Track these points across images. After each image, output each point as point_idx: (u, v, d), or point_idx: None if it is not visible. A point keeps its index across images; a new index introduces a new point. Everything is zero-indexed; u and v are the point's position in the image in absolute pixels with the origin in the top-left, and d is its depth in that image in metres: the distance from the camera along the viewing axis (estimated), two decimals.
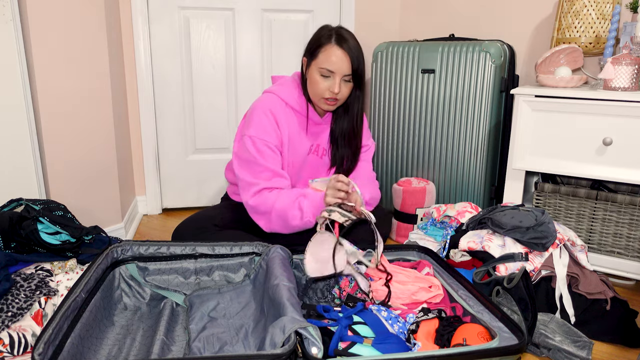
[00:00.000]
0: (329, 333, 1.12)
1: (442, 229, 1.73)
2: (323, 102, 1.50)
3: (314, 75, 1.48)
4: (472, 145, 1.99)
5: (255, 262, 1.42)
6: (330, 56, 1.45)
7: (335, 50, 1.44)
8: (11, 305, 1.14)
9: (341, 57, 1.44)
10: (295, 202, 1.44)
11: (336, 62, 1.44)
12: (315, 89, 1.49)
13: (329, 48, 1.45)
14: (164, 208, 2.43)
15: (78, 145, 1.76)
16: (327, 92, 1.47)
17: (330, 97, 1.48)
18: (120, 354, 1.14)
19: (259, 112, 1.50)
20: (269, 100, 1.53)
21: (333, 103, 1.51)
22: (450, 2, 2.33)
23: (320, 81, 1.47)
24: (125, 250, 1.38)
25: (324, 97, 1.49)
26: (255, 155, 1.47)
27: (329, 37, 1.47)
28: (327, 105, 1.51)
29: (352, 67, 1.46)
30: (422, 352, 1.00)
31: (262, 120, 1.49)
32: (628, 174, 1.52)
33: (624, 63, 1.52)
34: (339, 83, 1.46)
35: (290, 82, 1.58)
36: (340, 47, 1.45)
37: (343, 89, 1.48)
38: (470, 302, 1.24)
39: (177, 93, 2.29)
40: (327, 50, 1.45)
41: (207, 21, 2.25)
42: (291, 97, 1.54)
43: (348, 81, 1.49)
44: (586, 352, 1.19)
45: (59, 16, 1.63)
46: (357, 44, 1.48)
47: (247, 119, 1.54)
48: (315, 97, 1.51)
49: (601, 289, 1.37)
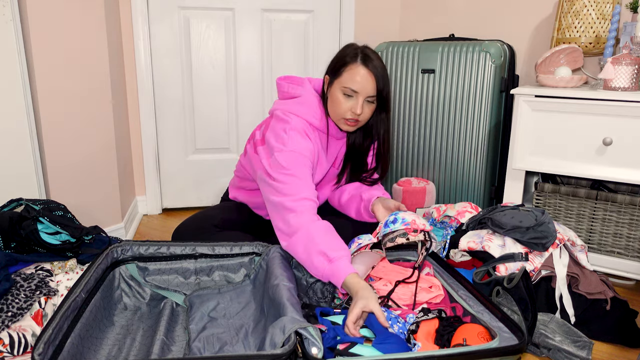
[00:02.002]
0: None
1: (442, 229, 1.73)
2: (343, 123, 1.45)
3: (336, 94, 1.43)
4: (472, 145, 1.99)
5: (255, 262, 1.42)
6: (355, 75, 1.39)
7: (360, 69, 1.38)
8: (11, 305, 1.14)
9: (366, 77, 1.38)
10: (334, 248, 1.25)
11: (360, 82, 1.38)
12: (336, 109, 1.43)
13: (354, 67, 1.39)
14: (164, 208, 2.43)
15: (78, 145, 1.76)
16: (349, 112, 1.42)
17: (351, 117, 1.42)
18: (120, 354, 1.14)
19: (295, 134, 1.41)
20: (301, 125, 1.43)
21: (353, 124, 1.45)
22: (450, 2, 2.33)
23: (343, 101, 1.41)
24: (125, 250, 1.38)
25: (345, 117, 1.43)
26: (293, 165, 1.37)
27: (354, 56, 1.40)
28: (347, 125, 1.45)
29: (377, 88, 1.40)
30: (422, 352, 1.00)
31: (300, 141, 1.40)
32: (628, 174, 1.51)
33: (624, 63, 1.52)
34: (361, 104, 1.40)
35: (311, 101, 1.49)
36: (365, 66, 1.39)
37: (365, 110, 1.43)
38: (470, 302, 1.24)
39: (177, 93, 2.29)
40: (352, 69, 1.39)
41: (207, 21, 2.25)
42: (315, 118, 1.47)
43: (371, 102, 1.43)
44: (586, 352, 1.19)
45: (59, 16, 1.63)
46: (383, 65, 1.42)
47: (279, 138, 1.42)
48: (336, 117, 1.45)
49: (601, 289, 1.36)
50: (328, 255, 1.23)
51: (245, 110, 2.38)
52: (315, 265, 1.24)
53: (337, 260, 1.22)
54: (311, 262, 1.25)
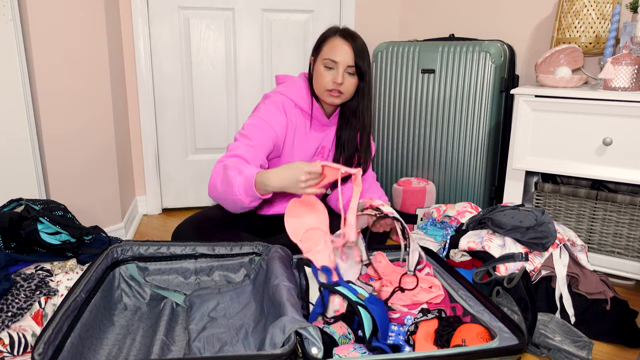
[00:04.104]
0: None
1: (442, 229, 1.73)
2: (327, 95, 1.51)
3: (319, 68, 1.51)
4: (472, 145, 1.99)
5: (255, 262, 1.42)
6: (333, 47, 1.48)
7: (339, 41, 1.48)
8: (11, 305, 1.14)
9: (344, 49, 1.47)
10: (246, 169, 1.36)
11: (339, 53, 1.47)
12: (319, 82, 1.51)
13: (333, 40, 1.49)
14: (164, 208, 2.43)
15: (78, 145, 1.76)
16: (331, 83, 1.48)
17: (333, 88, 1.49)
18: (120, 354, 1.14)
19: (271, 104, 1.52)
20: (281, 99, 1.54)
21: (337, 95, 1.51)
22: (450, 2, 2.33)
23: (325, 73, 1.49)
24: (125, 250, 1.38)
25: (328, 88, 1.49)
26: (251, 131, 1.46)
27: (334, 32, 1.51)
28: (331, 97, 1.51)
29: (356, 59, 1.47)
30: (422, 353, 1.00)
31: (273, 111, 1.51)
32: (628, 174, 1.52)
33: (624, 63, 1.52)
34: (342, 73, 1.47)
35: (298, 82, 1.59)
36: (344, 38, 1.48)
37: (347, 82, 1.49)
38: (470, 302, 1.24)
39: (177, 93, 2.29)
40: (330, 42, 1.49)
41: (207, 21, 2.25)
42: (299, 96, 1.56)
43: (352, 74, 1.49)
44: (586, 352, 1.19)
45: (59, 16, 1.63)
46: (362, 42, 1.51)
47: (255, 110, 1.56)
48: (320, 90, 1.52)
49: (601, 289, 1.37)
50: (241, 172, 1.31)
51: (245, 110, 2.38)
52: (233, 188, 1.30)
53: (248, 170, 1.31)
54: (230, 187, 1.31)
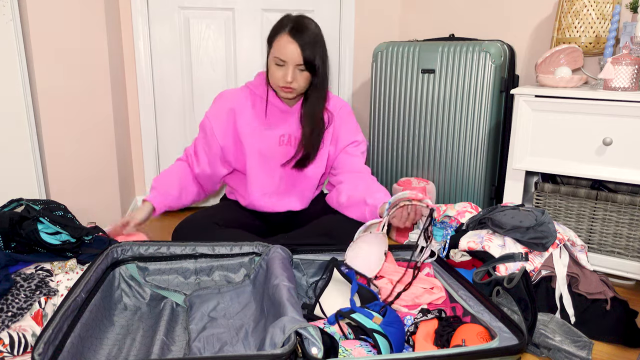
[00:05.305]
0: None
1: (442, 229, 1.73)
2: (280, 90, 1.52)
3: (270, 64, 1.50)
4: (472, 145, 1.99)
5: (255, 262, 1.42)
6: (282, 47, 1.45)
7: (287, 39, 1.44)
8: (11, 305, 1.14)
9: (291, 48, 1.43)
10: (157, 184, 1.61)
11: (287, 52, 1.44)
12: (272, 78, 1.51)
13: (282, 38, 1.45)
14: None
15: (78, 145, 1.76)
16: (282, 80, 1.48)
17: (284, 85, 1.49)
18: (120, 354, 1.14)
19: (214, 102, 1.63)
20: (231, 90, 1.64)
21: (289, 91, 1.51)
22: (450, 2, 2.33)
23: (275, 70, 1.48)
24: (125, 251, 1.38)
25: (279, 85, 1.50)
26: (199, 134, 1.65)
27: (284, 27, 1.46)
28: (284, 92, 1.52)
29: (304, 57, 1.45)
30: (422, 353, 1.00)
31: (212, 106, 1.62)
32: (628, 174, 1.52)
33: (624, 63, 1.52)
34: (291, 72, 1.46)
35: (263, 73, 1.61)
36: (292, 36, 1.44)
37: (299, 78, 1.48)
38: (470, 302, 1.24)
39: (177, 93, 2.29)
40: (279, 40, 1.46)
41: (207, 21, 2.25)
42: (259, 85, 1.59)
43: (303, 70, 1.48)
44: (586, 352, 1.19)
45: (59, 16, 1.63)
46: (314, 34, 1.46)
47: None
48: (274, 85, 1.53)
49: (601, 289, 1.36)
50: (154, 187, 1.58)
51: None
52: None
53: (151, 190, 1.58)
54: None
